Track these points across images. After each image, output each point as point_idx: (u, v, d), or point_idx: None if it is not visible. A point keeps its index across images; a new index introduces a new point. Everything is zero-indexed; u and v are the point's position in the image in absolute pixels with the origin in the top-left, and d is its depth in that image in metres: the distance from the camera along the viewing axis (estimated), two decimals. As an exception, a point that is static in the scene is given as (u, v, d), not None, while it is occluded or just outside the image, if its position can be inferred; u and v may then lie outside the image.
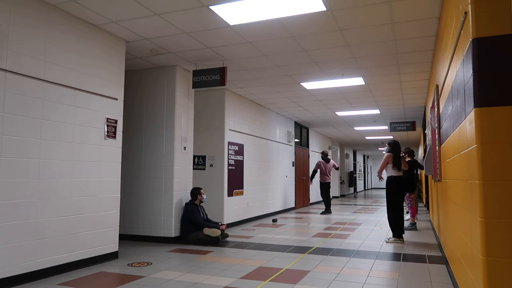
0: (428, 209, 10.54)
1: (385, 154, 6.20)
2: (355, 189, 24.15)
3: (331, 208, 11.01)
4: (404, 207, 8.08)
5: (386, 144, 6.38)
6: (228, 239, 6.27)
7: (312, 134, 14.41)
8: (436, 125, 4.57)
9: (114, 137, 4.86)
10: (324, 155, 11.27)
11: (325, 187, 10.98)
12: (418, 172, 18.42)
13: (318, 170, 11.18)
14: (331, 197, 10.92)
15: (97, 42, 4.64)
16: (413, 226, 7.50)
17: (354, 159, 24.85)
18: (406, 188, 7.76)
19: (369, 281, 3.88)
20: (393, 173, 6.09)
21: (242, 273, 4.16)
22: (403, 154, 8.30)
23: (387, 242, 6.06)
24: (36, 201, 3.83)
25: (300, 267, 4.44)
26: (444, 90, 3.70)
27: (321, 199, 15.69)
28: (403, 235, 6.14)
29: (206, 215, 6.34)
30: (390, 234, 6.57)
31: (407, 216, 8.76)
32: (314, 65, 6.10)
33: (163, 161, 6.06)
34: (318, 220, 9.18)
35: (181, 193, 6.18)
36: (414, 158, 8.37)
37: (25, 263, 3.70)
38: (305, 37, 4.91)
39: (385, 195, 6.36)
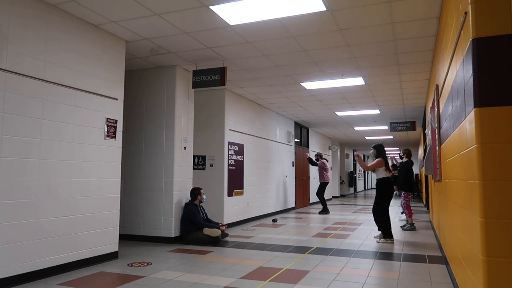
0: (428, 209, 10.54)
1: (376, 160, 6.28)
2: (355, 189, 24.15)
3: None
4: (399, 207, 8.09)
5: (371, 148, 6.52)
6: (228, 239, 6.27)
7: (312, 134, 14.41)
8: (436, 125, 4.57)
9: (114, 137, 4.86)
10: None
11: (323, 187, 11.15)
12: (418, 172, 18.44)
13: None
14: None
15: (97, 42, 4.64)
16: (412, 226, 7.52)
17: (354, 159, 24.84)
18: (403, 187, 7.86)
19: (369, 281, 3.88)
20: (385, 174, 6.19)
21: (242, 273, 4.16)
22: (402, 155, 8.42)
23: (378, 242, 6.12)
24: (36, 201, 3.83)
25: (300, 267, 4.44)
26: (444, 90, 3.70)
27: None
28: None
29: (206, 215, 6.34)
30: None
31: (403, 216, 8.85)
32: (314, 65, 6.10)
33: (163, 161, 6.06)
34: (318, 220, 9.18)
35: (181, 193, 6.18)
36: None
37: (25, 263, 3.70)
38: (305, 37, 4.91)
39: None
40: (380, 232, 6.27)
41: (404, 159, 8.33)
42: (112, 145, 4.82)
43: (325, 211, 10.76)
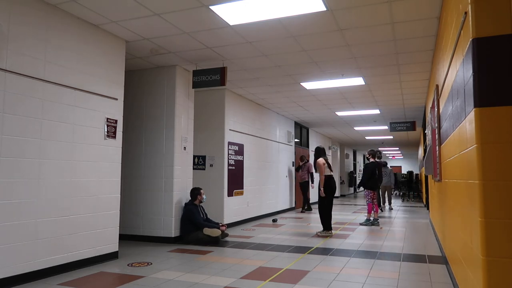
0: (428, 209, 10.54)
1: (317, 162, 6.83)
2: (355, 189, 24.15)
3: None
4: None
5: (313, 152, 7.21)
6: (228, 239, 6.27)
7: (312, 134, 14.40)
8: (436, 125, 4.57)
9: (114, 137, 4.86)
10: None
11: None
12: (418, 172, 18.41)
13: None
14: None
15: (97, 42, 4.64)
16: (369, 222, 8.06)
17: (354, 159, 24.86)
18: (366, 186, 8.43)
19: (369, 281, 3.88)
20: (327, 172, 6.72)
21: (242, 273, 4.16)
22: (368, 156, 8.83)
23: (319, 235, 6.64)
24: (36, 201, 3.83)
25: (300, 267, 4.44)
26: (444, 90, 3.70)
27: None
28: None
29: (206, 215, 6.34)
30: (392, 234, 6.59)
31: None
32: (314, 65, 6.10)
33: (163, 161, 6.06)
34: (318, 220, 9.15)
35: (181, 193, 6.18)
36: (377, 160, 8.90)
37: (25, 263, 3.70)
38: (305, 37, 4.90)
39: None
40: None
41: (371, 160, 8.69)
42: (112, 145, 4.82)
43: (303, 208, 11.27)
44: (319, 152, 7.02)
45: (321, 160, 6.79)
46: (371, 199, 8.29)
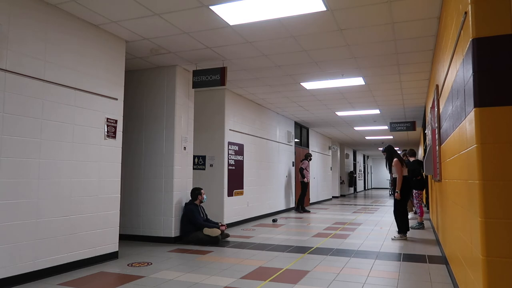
0: (428, 208, 10.55)
1: (394, 162, 6.41)
2: (355, 189, 24.15)
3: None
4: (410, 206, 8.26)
5: (383, 152, 6.75)
6: (228, 239, 6.27)
7: (312, 134, 14.40)
8: (436, 125, 4.57)
9: (114, 137, 4.86)
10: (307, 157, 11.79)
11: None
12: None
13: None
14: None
15: (97, 42, 4.64)
16: (420, 225, 7.65)
17: (354, 159, 24.85)
18: (416, 186, 7.99)
19: (369, 281, 3.88)
20: (404, 173, 6.39)
21: (242, 273, 4.16)
22: (408, 157, 8.53)
23: (393, 239, 6.25)
24: (36, 201, 3.83)
25: (300, 267, 4.44)
26: (444, 90, 3.70)
27: (321, 199, 15.77)
28: (408, 232, 6.46)
29: (206, 215, 6.34)
30: (392, 234, 6.61)
31: (410, 215, 8.98)
32: (314, 65, 6.10)
33: (163, 161, 6.06)
34: (318, 220, 9.18)
35: (181, 193, 6.18)
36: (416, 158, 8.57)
37: (25, 263, 3.70)
38: (305, 37, 4.91)
39: (384, 195, 6.50)
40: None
41: (412, 159, 8.41)
42: (112, 145, 4.82)
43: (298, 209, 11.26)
44: (392, 151, 6.57)
45: (397, 160, 6.39)
46: (421, 201, 8.00)
